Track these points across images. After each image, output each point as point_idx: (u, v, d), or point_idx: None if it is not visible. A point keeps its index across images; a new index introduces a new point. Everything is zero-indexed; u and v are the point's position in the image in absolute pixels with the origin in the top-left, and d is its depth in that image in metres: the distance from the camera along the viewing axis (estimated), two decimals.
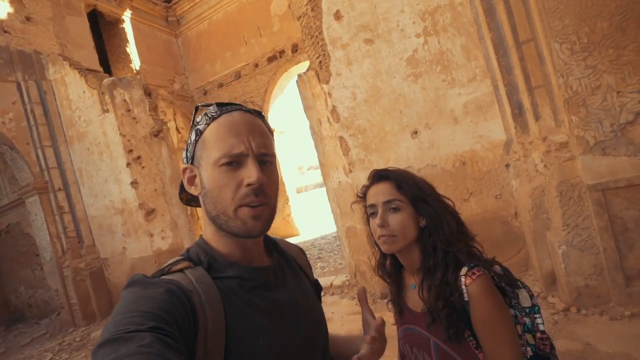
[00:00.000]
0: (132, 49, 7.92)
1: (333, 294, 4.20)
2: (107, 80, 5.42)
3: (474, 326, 0.78)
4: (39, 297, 6.94)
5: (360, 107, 3.66)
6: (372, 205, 0.89)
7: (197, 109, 0.63)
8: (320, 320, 0.70)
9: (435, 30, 3.24)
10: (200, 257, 0.59)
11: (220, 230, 0.60)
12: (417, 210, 0.86)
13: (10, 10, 5.80)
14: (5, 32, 5.69)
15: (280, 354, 0.57)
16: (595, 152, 2.36)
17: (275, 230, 9.10)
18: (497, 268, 0.86)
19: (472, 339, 0.79)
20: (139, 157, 5.45)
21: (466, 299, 0.78)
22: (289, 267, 0.71)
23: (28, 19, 6.02)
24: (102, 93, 5.42)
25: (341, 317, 3.50)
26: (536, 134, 2.69)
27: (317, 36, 3.81)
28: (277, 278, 0.65)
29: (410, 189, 0.86)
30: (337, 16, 3.62)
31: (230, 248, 0.61)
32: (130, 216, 5.56)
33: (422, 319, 0.85)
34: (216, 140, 0.57)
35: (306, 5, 3.80)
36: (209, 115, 0.59)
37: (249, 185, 0.55)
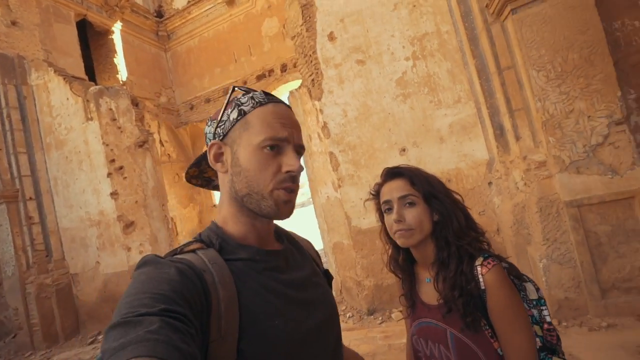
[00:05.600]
0: (119, 60, 7.86)
1: None
2: (93, 88, 5.33)
3: (490, 314, 0.80)
4: None
5: (351, 124, 3.79)
6: (387, 202, 0.92)
7: (233, 89, 0.64)
8: (333, 307, 0.69)
9: (423, 55, 3.47)
10: (212, 239, 0.59)
11: (242, 210, 0.61)
12: (429, 205, 0.90)
13: None
14: None
15: (295, 334, 0.56)
16: (571, 171, 2.55)
17: None
18: (504, 263, 0.90)
19: (487, 328, 0.81)
20: (121, 168, 5.29)
21: (482, 287, 0.81)
22: (300, 253, 0.72)
23: (14, 23, 5.90)
24: (87, 101, 5.30)
25: None
26: (517, 154, 2.88)
27: (310, 55, 3.96)
28: (288, 262, 0.65)
29: (423, 185, 0.90)
30: (331, 37, 3.81)
31: (247, 230, 0.62)
32: (107, 229, 5.31)
33: (438, 311, 0.87)
34: (262, 124, 0.59)
35: (301, 25, 3.97)
36: (256, 100, 0.61)
37: (288, 172, 0.59)
